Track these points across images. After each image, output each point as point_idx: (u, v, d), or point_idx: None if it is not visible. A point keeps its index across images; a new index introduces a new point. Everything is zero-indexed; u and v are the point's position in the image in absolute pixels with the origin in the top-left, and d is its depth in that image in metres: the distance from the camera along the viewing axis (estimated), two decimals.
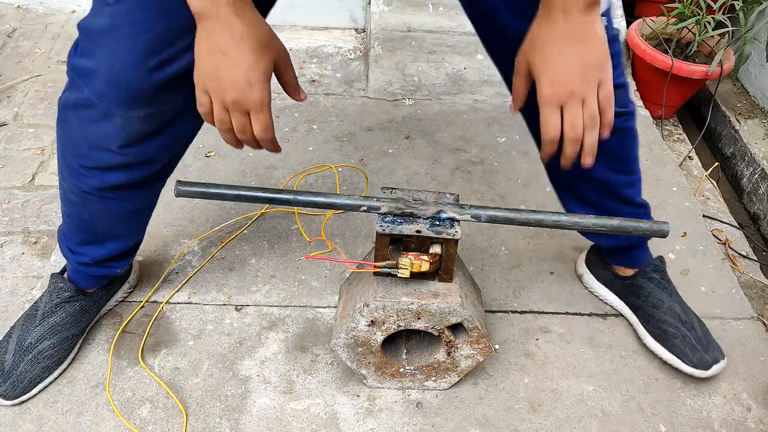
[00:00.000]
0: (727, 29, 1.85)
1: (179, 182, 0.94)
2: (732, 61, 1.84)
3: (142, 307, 1.24)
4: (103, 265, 1.10)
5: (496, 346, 1.22)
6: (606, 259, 1.27)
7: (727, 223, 1.56)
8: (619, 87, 0.97)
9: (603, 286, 1.30)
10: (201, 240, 1.38)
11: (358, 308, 1.00)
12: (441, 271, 0.99)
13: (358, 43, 2.13)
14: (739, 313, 1.32)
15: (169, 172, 1.03)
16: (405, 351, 1.12)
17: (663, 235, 0.97)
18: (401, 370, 1.10)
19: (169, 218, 1.40)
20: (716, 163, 1.78)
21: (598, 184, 1.09)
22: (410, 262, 0.94)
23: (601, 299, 1.31)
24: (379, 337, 1.03)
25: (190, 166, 1.56)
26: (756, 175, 1.72)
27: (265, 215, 1.45)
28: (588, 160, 0.83)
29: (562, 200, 1.18)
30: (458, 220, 0.96)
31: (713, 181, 1.70)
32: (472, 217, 0.96)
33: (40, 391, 1.09)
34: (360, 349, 1.05)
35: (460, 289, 1.00)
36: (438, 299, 0.99)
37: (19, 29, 2.06)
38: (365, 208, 0.96)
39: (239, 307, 1.26)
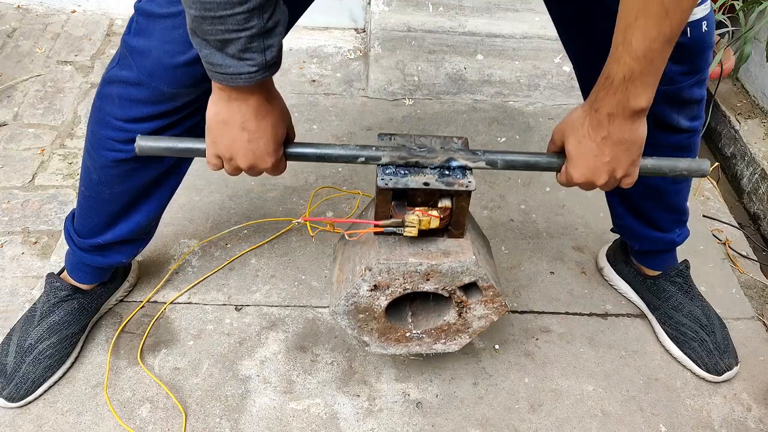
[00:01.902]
0: (727, 29, 1.85)
1: (140, 137, 0.84)
2: (732, 61, 1.84)
3: (143, 307, 1.24)
4: (112, 249, 1.09)
5: (496, 346, 1.22)
6: (630, 256, 1.28)
7: (727, 223, 1.56)
8: (697, 101, 0.98)
9: (624, 282, 1.32)
10: (201, 240, 1.38)
11: (359, 272, 0.89)
12: (451, 226, 0.89)
13: (358, 43, 2.13)
14: (739, 313, 1.32)
15: (196, 136, 1.02)
16: (410, 313, 1.03)
17: (703, 174, 0.86)
18: (407, 334, 1.01)
19: (169, 218, 1.40)
20: (716, 163, 1.78)
21: (650, 190, 1.11)
22: (418, 219, 0.84)
23: (620, 293, 1.33)
24: (383, 302, 0.93)
25: None
26: (756, 175, 1.72)
27: (267, 216, 1.45)
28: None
29: (610, 203, 1.21)
30: (471, 169, 0.85)
31: (713, 181, 1.70)
32: (487, 164, 0.84)
33: (44, 392, 1.09)
34: (362, 315, 0.96)
35: (472, 245, 0.90)
36: (449, 258, 0.88)
37: (19, 29, 2.06)
38: (363, 158, 0.84)
39: (239, 307, 1.26)
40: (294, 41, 2.07)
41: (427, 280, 0.90)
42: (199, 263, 1.33)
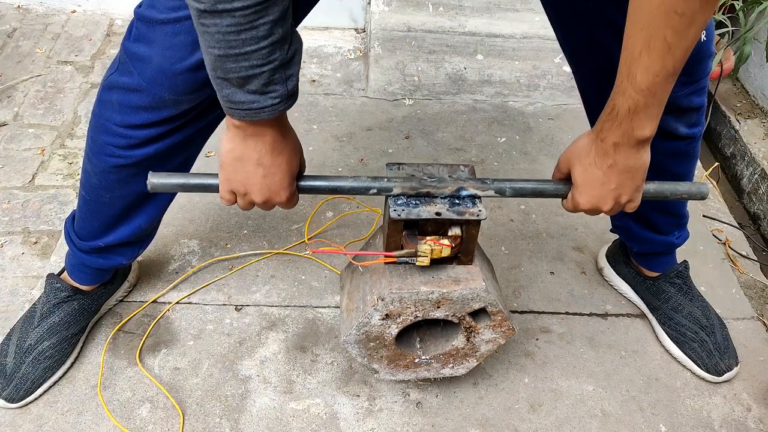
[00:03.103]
0: (727, 29, 1.85)
1: (152, 174, 0.84)
2: (732, 61, 1.84)
3: (143, 307, 1.24)
4: (112, 252, 1.09)
5: None
6: (630, 257, 1.28)
7: (727, 223, 1.56)
8: (696, 109, 0.98)
9: (624, 282, 1.32)
10: (201, 240, 1.38)
11: (371, 302, 0.91)
12: (461, 253, 0.91)
13: (358, 43, 2.13)
14: (739, 313, 1.32)
15: (197, 142, 1.02)
16: (418, 339, 1.05)
17: (702, 197, 0.89)
18: (416, 360, 1.02)
19: (169, 218, 1.40)
20: (716, 163, 1.78)
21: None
22: (431, 249, 0.85)
23: (620, 293, 1.33)
24: (394, 330, 0.95)
25: None
26: (756, 175, 1.72)
27: (267, 216, 1.45)
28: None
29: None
30: (480, 197, 0.87)
31: (713, 181, 1.70)
32: (495, 192, 0.87)
33: (44, 392, 1.09)
34: (372, 344, 0.97)
35: (481, 272, 0.93)
36: (460, 285, 0.90)
37: (19, 29, 2.06)
38: (375, 190, 0.86)
39: (239, 307, 1.26)
40: None
41: (438, 307, 0.92)
42: (199, 263, 1.33)
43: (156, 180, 0.83)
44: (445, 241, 0.86)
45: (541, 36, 1.96)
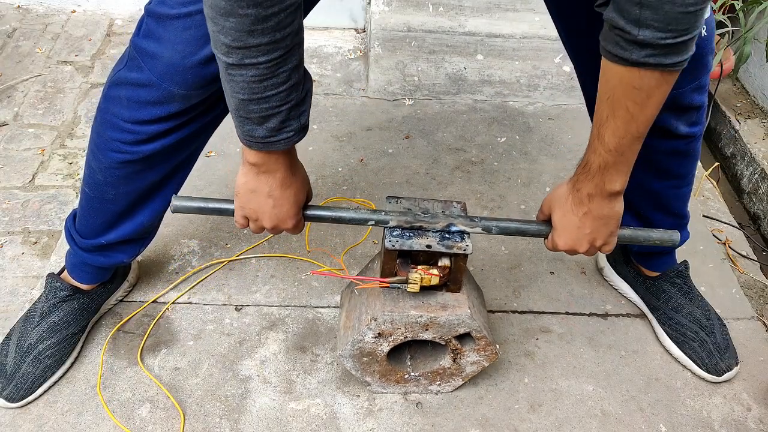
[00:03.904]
0: (727, 29, 1.85)
1: (175, 197, 0.93)
2: (732, 61, 1.84)
3: (144, 307, 1.24)
4: (114, 249, 1.09)
5: (497, 346, 1.22)
6: (630, 257, 1.28)
7: (727, 223, 1.56)
8: (696, 108, 0.98)
9: (624, 282, 1.32)
10: (201, 240, 1.38)
11: (365, 321, 0.98)
12: (449, 282, 0.98)
13: (358, 43, 2.13)
14: (739, 313, 1.32)
15: (203, 137, 1.03)
16: (409, 357, 1.12)
17: (673, 244, 0.98)
18: (405, 376, 1.09)
19: (169, 218, 1.40)
20: (716, 163, 1.79)
21: (651, 195, 1.11)
22: (420, 277, 0.93)
23: (620, 293, 1.33)
24: (386, 347, 1.02)
25: None
26: (756, 175, 1.72)
27: None
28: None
29: None
30: (469, 233, 0.95)
31: (713, 181, 1.70)
32: (482, 229, 0.95)
33: (44, 392, 1.09)
34: (365, 359, 1.04)
35: (468, 300, 1.00)
36: (447, 311, 0.97)
37: (19, 29, 2.06)
38: (373, 222, 0.94)
39: (239, 307, 1.26)
40: None
41: (426, 329, 0.99)
42: (199, 263, 1.33)
43: (178, 203, 0.92)
44: (435, 271, 0.94)
45: (541, 36, 1.96)
